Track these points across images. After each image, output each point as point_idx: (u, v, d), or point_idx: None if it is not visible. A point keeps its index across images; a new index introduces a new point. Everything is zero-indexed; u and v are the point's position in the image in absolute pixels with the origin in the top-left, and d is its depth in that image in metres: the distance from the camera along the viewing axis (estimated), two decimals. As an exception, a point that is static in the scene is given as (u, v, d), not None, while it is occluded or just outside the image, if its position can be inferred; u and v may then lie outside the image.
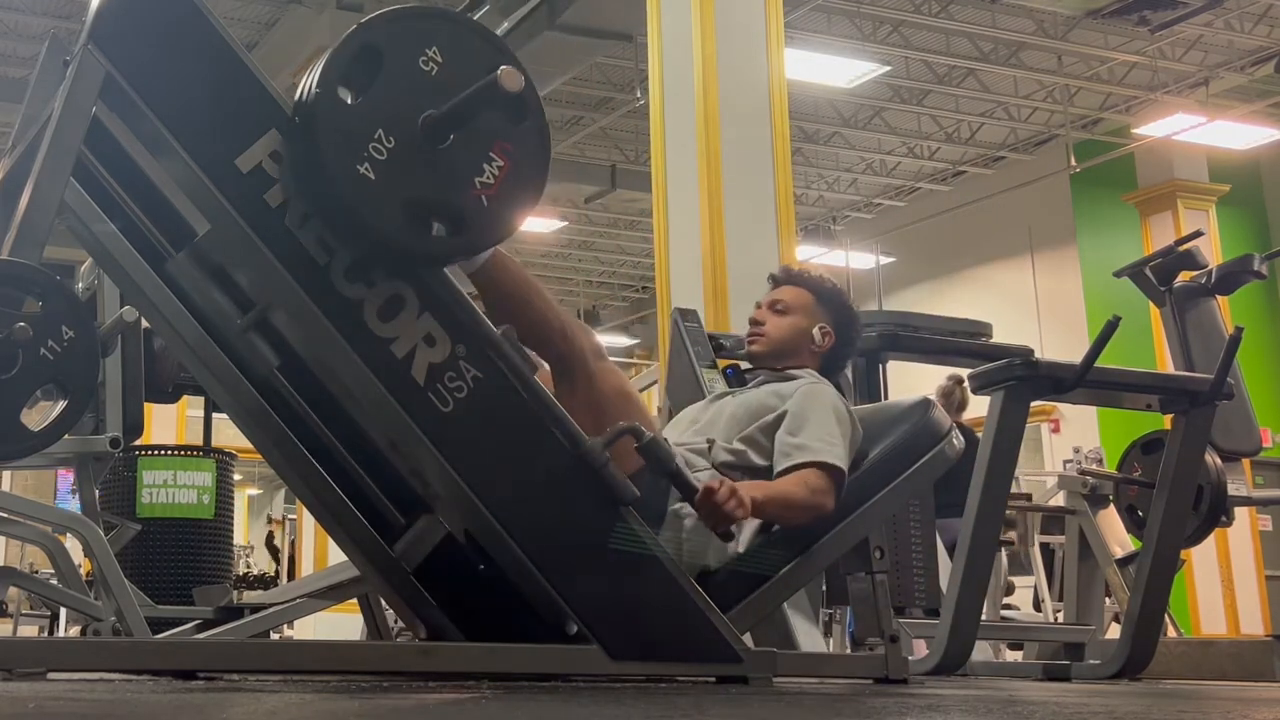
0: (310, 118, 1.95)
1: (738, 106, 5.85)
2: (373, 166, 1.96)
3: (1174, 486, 3.24)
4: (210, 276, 2.13)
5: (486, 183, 2.04)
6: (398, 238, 1.99)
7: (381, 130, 1.98)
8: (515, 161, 2.06)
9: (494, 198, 2.04)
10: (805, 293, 2.73)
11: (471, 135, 2.04)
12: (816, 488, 2.37)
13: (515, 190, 2.07)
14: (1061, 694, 2.37)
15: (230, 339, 2.15)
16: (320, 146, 1.95)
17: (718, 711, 1.60)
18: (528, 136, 2.09)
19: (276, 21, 10.81)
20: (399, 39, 2.03)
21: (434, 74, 2.03)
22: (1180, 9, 9.97)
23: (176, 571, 5.10)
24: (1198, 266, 4.53)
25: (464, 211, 2.03)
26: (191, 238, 2.10)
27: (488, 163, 2.04)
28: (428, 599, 2.28)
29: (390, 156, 1.97)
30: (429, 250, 2.05)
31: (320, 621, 6.46)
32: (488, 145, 2.05)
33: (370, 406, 2.05)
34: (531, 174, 2.09)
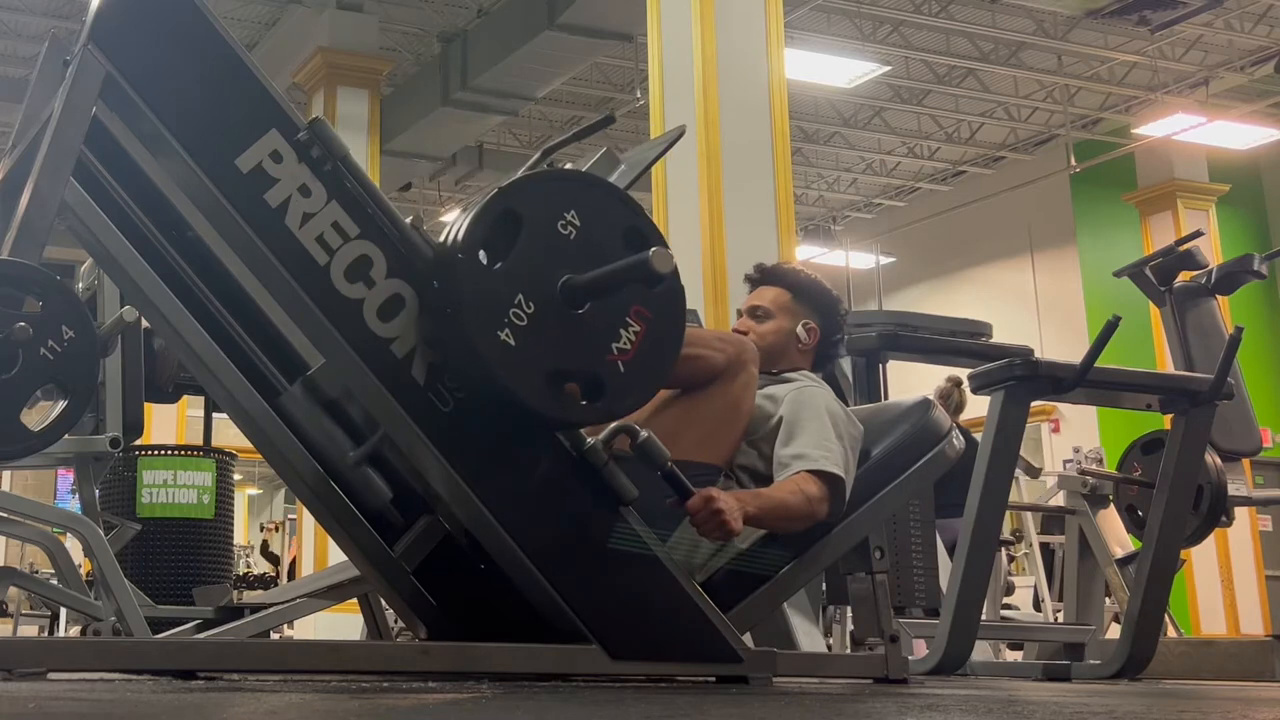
0: (453, 283, 1.96)
1: (738, 106, 5.85)
2: (514, 333, 1.96)
3: (1174, 486, 3.24)
4: (210, 276, 2.13)
5: (624, 348, 2.04)
6: (538, 406, 1.99)
7: (522, 296, 1.98)
8: (651, 326, 2.07)
9: (631, 363, 2.05)
10: (783, 292, 2.72)
11: (609, 301, 2.04)
12: (812, 495, 2.37)
13: (652, 354, 2.07)
14: (1061, 694, 2.37)
15: (234, 342, 2.15)
16: (464, 313, 1.95)
17: (718, 711, 1.60)
18: (663, 300, 2.09)
19: (276, 21, 10.82)
20: (537, 202, 2.03)
21: (572, 238, 2.03)
22: (1180, 9, 9.98)
23: (176, 571, 5.09)
24: (1198, 266, 4.53)
25: (602, 377, 2.03)
26: (192, 237, 2.11)
27: (625, 328, 2.05)
28: (428, 599, 2.29)
29: (530, 323, 1.98)
30: (569, 418, 2.05)
31: (320, 621, 6.47)
32: (624, 311, 2.05)
33: (370, 406, 2.05)
34: (668, 338, 2.10)
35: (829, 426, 2.46)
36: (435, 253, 2.00)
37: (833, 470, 2.40)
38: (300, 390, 2.12)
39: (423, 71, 11.57)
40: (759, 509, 2.29)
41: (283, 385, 2.17)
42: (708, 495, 2.20)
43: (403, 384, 2.02)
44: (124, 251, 2.13)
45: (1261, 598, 10.19)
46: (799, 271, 2.78)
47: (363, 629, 3.25)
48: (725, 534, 2.22)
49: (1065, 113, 12.04)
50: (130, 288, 2.18)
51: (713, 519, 2.19)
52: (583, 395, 2.04)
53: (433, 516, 2.20)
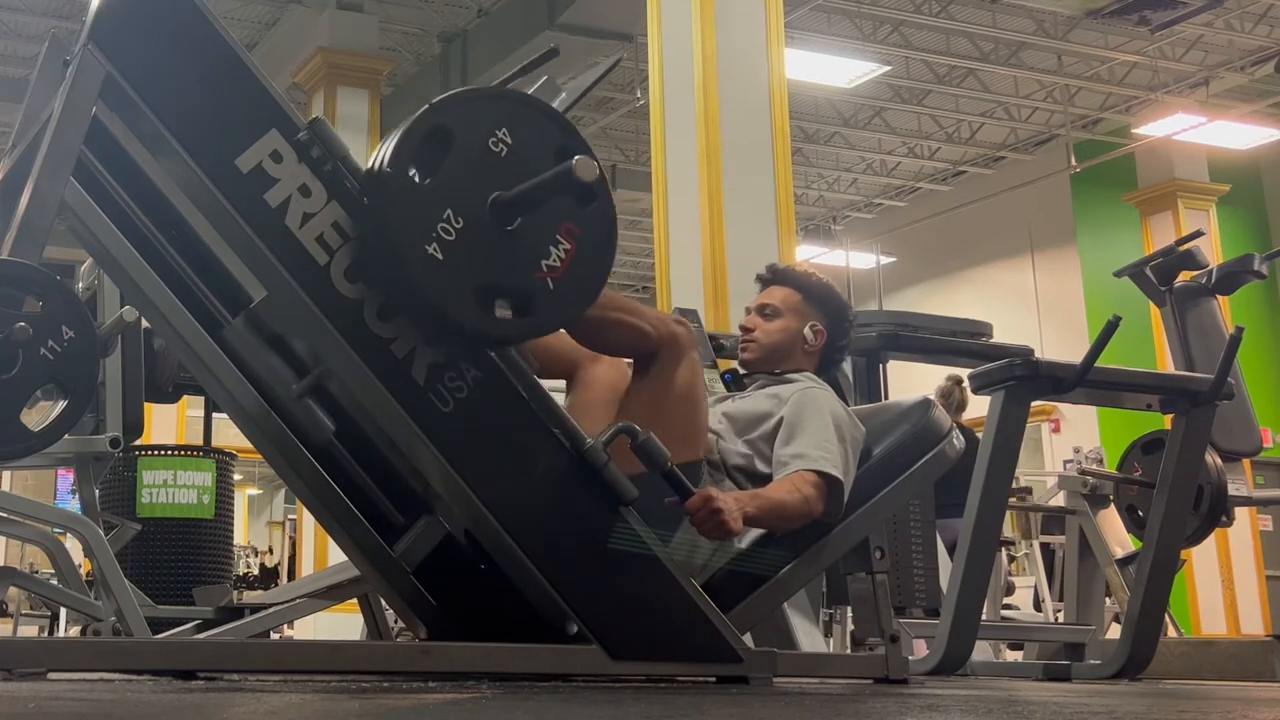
0: (382, 198, 1.96)
1: (738, 106, 5.85)
2: (441, 247, 1.96)
3: (1174, 486, 3.24)
4: (210, 276, 2.13)
5: (554, 265, 2.04)
6: (466, 320, 1.99)
7: (451, 211, 1.98)
8: (582, 243, 2.07)
9: (561, 280, 2.04)
10: (793, 292, 2.72)
11: (539, 218, 2.04)
12: (809, 495, 2.37)
13: (582, 272, 2.07)
14: (1061, 694, 2.37)
15: (231, 339, 2.15)
16: (391, 227, 1.95)
17: (718, 711, 1.60)
18: (594, 218, 2.09)
19: (276, 21, 10.81)
20: (469, 120, 2.03)
21: (503, 155, 2.03)
22: (1180, 9, 9.98)
23: (176, 571, 5.09)
24: (1198, 266, 4.53)
25: (531, 294, 2.03)
26: (192, 238, 2.11)
27: (555, 245, 2.04)
28: (428, 599, 2.29)
29: (459, 238, 1.98)
30: (494, 333, 2.05)
31: (320, 621, 6.47)
32: (555, 228, 2.05)
33: (370, 406, 2.05)
34: (598, 256, 2.09)
35: (830, 428, 2.46)
36: (366, 172, 2.00)
37: (831, 471, 2.40)
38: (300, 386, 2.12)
39: (423, 71, 11.57)
40: (758, 509, 2.30)
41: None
42: (707, 495, 2.20)
43: (403, 384, 2.02)
44: (124, 251, 2.13)
45: (1261, 598, 10.18)
46: (811, 275, 2.79)
47: (363, 629, 3.25)
48: (725, 534, 2.22)
49: (1065, 113, 12.04)
50: (130, 288, 2.18)
51: (712, 518, 2.19)
52: (512, 312, 2.04)
53: (433, 516, 2.20)
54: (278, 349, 2.14)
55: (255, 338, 2.12)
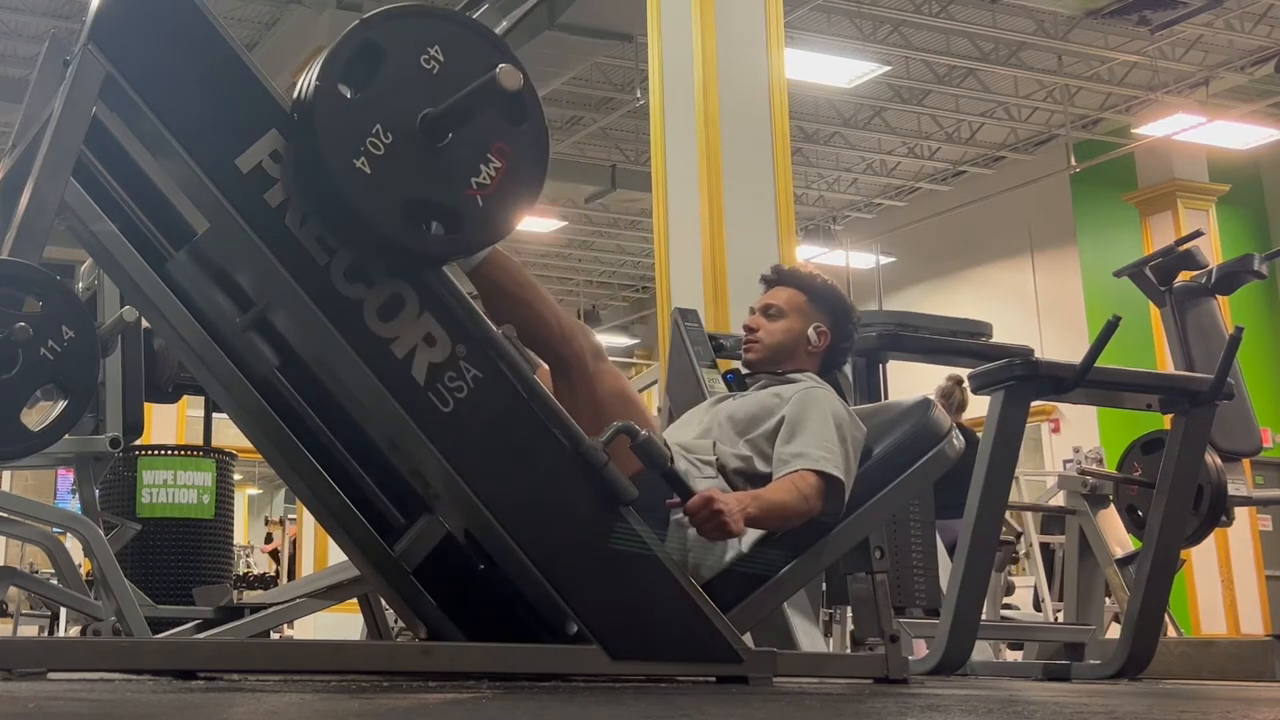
0: (309, 112, 1.95)
1: (738, 106, 5.85)
2: (369, 162, 1.96)
3: (1174, 486, 3.24)
4: (210, 276, 2.13)
5: (483, 183, 2.04)
6: (393, 235, 1.98)
7: (380, 126, 1.97)
8: (513, 163, 2.06)
9: (490, 198, 2.04)
10: (798, 293, 2.72)
11: (470, 135, 2.04)
12: (809, 494, 2.37)
13: (512, 191, 2.07)
14: (1061, 694, 2.37)
15: (230, 338, 2.15)
16: (318, 141, 1.94)
17: (718, 711, 1.60)
18: (526, 138, 2.09)
19: (276, 21, 10.81)
20: (400, 36, 2.03)
21: (435, 73, 2.03)
22: (1180, 9, 9.98)
23: (176, 571, 5.09)
24: (1198, 266, 4.53)
25: (460, 211, 2.03)
26: (191, 237, 2.11)
27: (485, 163, 2.04)
28: (428, 599, 2.28)
29: (388, 153, 1.97)
30: (424, 248, 2.05)
31: (320, 621, 6.47)
32: (486, 146, 2.05)
33: (370, 406, 2.05)
34: (529, 176, 2.09)
35: (831, 428, 2.46)
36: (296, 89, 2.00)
37: (831, 471, 2.40)
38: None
39: (423, 71, 11.54)
40: (759, 509, 2.30)
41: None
42: (708, 496, 2.20)
43: (403, 384, 2.02)
44: (124, 251, 2.13)
45: (1261, 598, 10.18)
46: (815, 276, 2.79)
47: (363, 629, 3.25)
48: (725, 534, 2.23)
49: (1065, 113, 12.03)
50: (130, 288, 2.17)
51: (713, 519, 2.19)
52: (443, 229, 2.04)
53: (433, 516, 2.20)
54: (276, 346, 2.14)
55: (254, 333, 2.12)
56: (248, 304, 2.09)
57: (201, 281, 2.12)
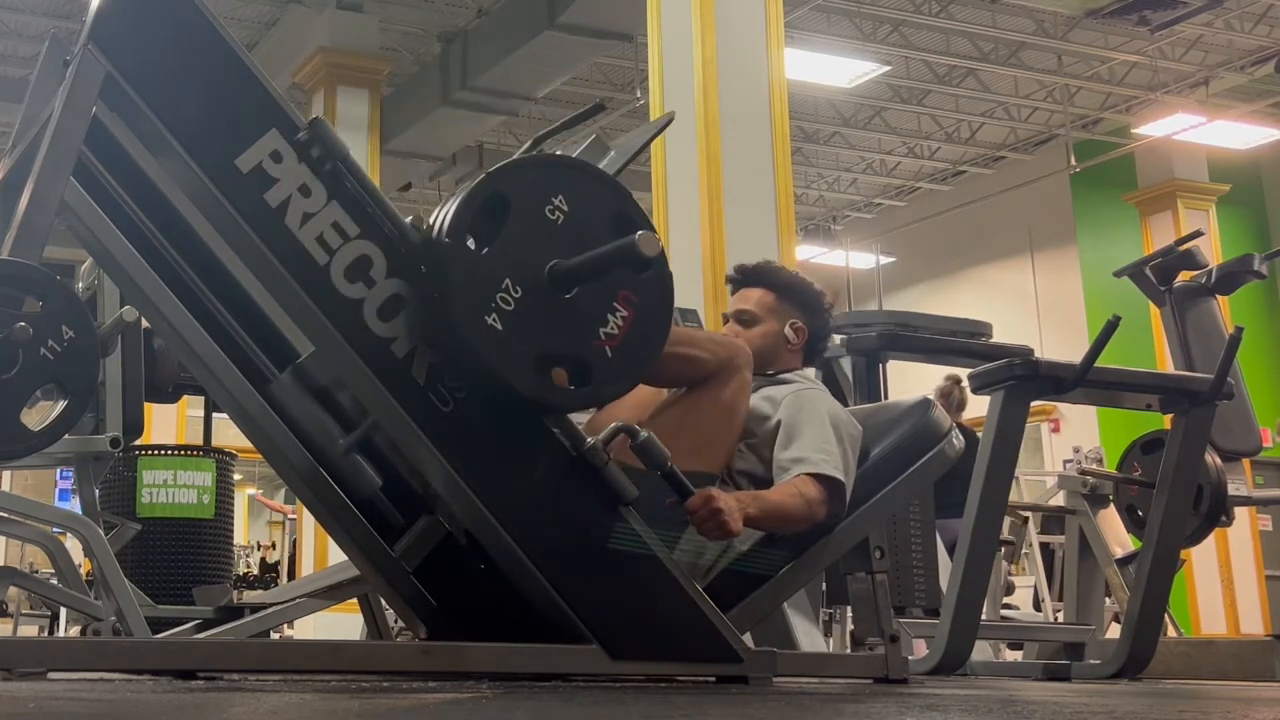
0: (440, 266, 1.96)
1: (738, 106, 5.85)
2: (500, 317, 1.96)
3: (1174, 486, 3.24)
4: (210, 275, 2.13)
5: (611, 333, 2.04)
6: (525, 390, 1.99)
7: (509, 280, 1.98)
8: (639, 311, 2.07)
9: (618, 348, 2.05)
10: (766, 292, 2.71)
11: (597, 286, 2.04)
12: (811, 499, 2.37)
13: (640, 340, 2.07)
14: (1061, 694, 2.37)
15: (234, 343, 2.15)
16: (450, 296, 1.95)
17: (718, 711, 1.60)
18: (651, 286, 2.09)
19: (276, 21, 10.81)
20: (525, 187, 2.04)
21: (560, 222, 2.03)
22: (1180, 9, 9.98)
23: (176, 571, 5.09)
24: (1198, 266, 4.53)
25: (589, 362, 2.04)
26: (192, 237, 2.11)
27: (612, 313, 2.05)
28: (428, 599, 2.29)
29: (518, 307, 1.98)
30: (554, 402, 2.05)
31: (320, 621, 6.47)
32: (613, 295, 2.05)
33: (370, 406, 2.05)
34: (655, 323, 2.10)
35: (828, 429, 2.46)
36: (423, 238, 2.00)
37: (832, 473, 2.40)
38: (291, 379, 2.12)
39: (423, 71, 11.57)
40: (759, 511, 2.30)
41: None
42: (708, 495, 2.20)
43: (403, 384, 2.02)
44: (124, 251, 2.13)
45: (1261, 598, 10.18)
46: (779, 270, 2.78)
47: (363, 629, 3.25)
48: (725, 534, 2.22)
49: (1065, 113, 12.03)
50: (130, 288, 2.18)
51: (713, 518, 2.19)
52: (570, 380, 2.04)
53: (433, 516, 2.20)
54: (272, 342, 2.14)
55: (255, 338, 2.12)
56: (248, 304, 2.09)
57: (202, 280, 2.12)
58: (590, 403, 2.12)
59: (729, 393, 2.40)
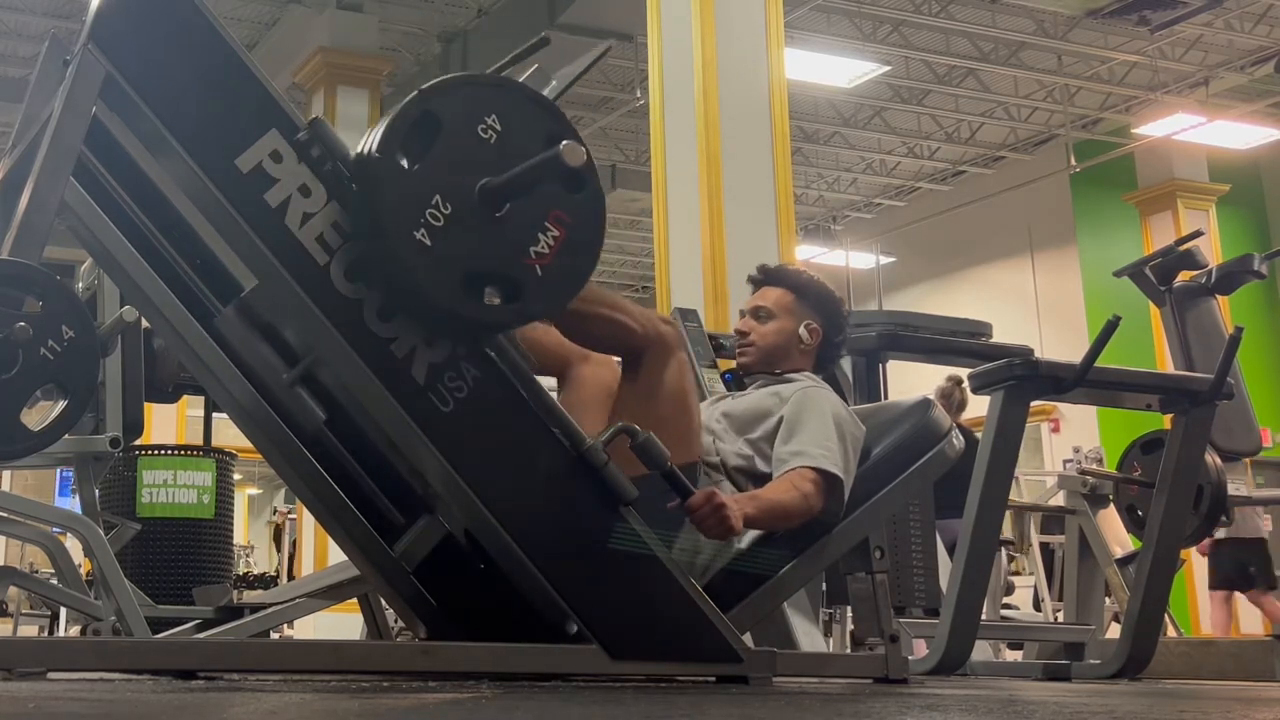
0: (369, 183, 1.96)
1: (738, 106, 5.85)
2: (430, 233, 1.96)
3: (1174, 486, 3.24)
4: (210, 275, 2.13)
5: (542, 252, 2.04)
6: (453, 306, 1.99)
7: (439, 197, 1.98)
8: (571, 231, 2.06)
9: (549, 267, 2.04)
10: (786, 292, 2.71)
11: (528, 204, 2.04)
12: (808, 492, 2.37)
13: (571, 260, 2.07)
14: (1061, 694, 2.37)
15: (231, 340, 2.15)
16: (379, 212, 1.95)
17: (718, 711, 1.60)
18: (583, 206, 2.09)
19: (276, 21, 10.81)
20: (458, 106, 2.03)
21: (492, 141, 2.03)
22: (1180, 9, 9.98)
23: (176, 571, 5.09)
24: (1198, 266, 4.53)
25: (519, 280, 2.03)
26: (192, 237, 2.11)
27: (543, 232, 2.04)
28: (428, 599, 2.29)
29: (447, 223, 1.98)
30: (483, 319, 2.05)
31: (320, 621, 6.47)
32: (544, 215, 2.05)
33: (370, 406, 2.05)
34: (587, 244, 2.09)
35: (831, 426, 2.46)
36: (356, 158, 2.00)
37: (831, 469, 2.40)
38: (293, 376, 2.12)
39: (423, 71, 11.56)
40: (757, 509, 2.30)
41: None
42: (710, 493, 2.20)
43: (403, 384, 2.02)
44: (124, 251, 2.13)
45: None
46: (801, 273, 2.78)
47: (363, 629, 3.25)
48: (726, 533, 2.22)
49: (1065, 113, 12.04)
50: (130, 288, 2.18)
51: (715, 516, 2.19)
52: (500, 298, 2.04)
53: (433, 516, 2.20)
54: (272, 341, 2.14)
55: (249, 330, 2.12)
56: (248, 305, 2.09)
57: (204, 280, 2.12)
58: (520, 321, 2.11)
59: (672, 376, 2.38)
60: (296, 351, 2.13)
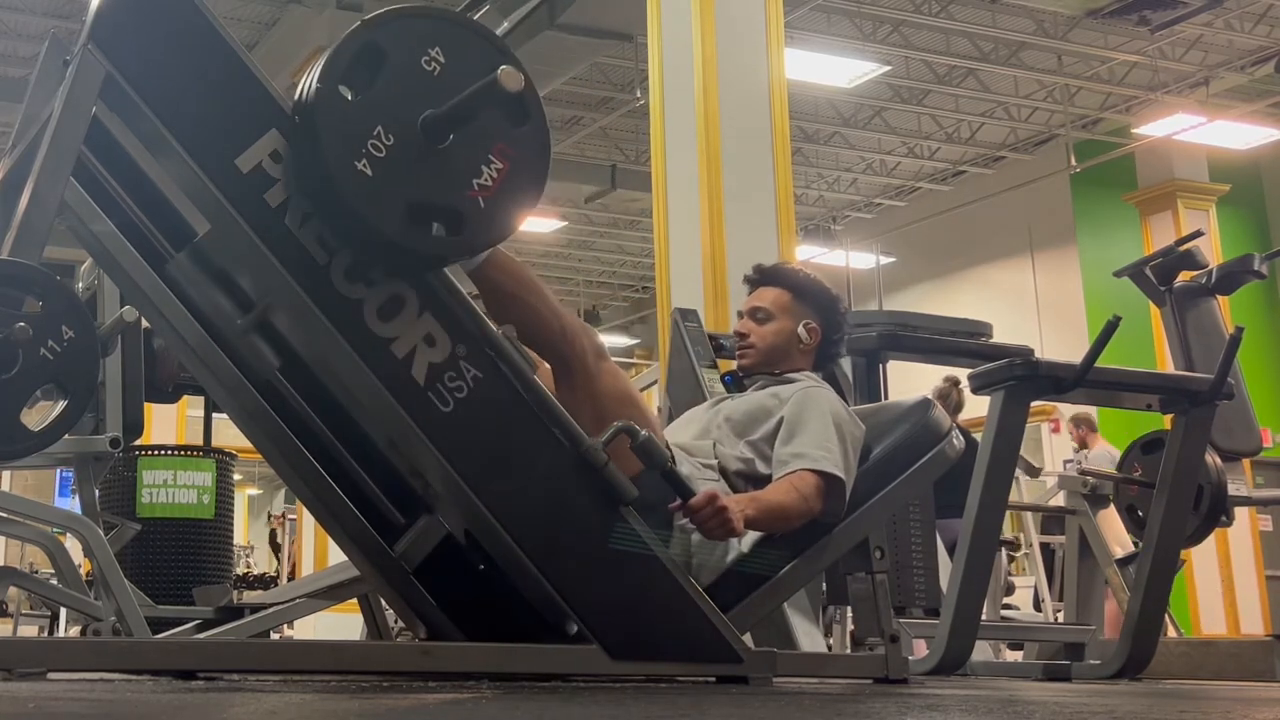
0: (310, 114, 1.95)
1: (738, 106, 5.85)
2: (371, 164, 1.96)
3: (1174, 486, 3.24)
4: (210, 276, 2.13)
5: (485, 184, 2.04)
6: (395, 236, 1.98)
7: (381, 128, 1.97)
8: (515, 164, 2.06)
9: (492, 199, 2.04)
10: (783, 292, 2.70)
11: (471, 137, 2.04)
12: (808, 494, 2.37)
13: (514, 193, 2.07)
14: (1061, 694, 2.37)
15: (230, 339, 2.15)
16: (320, 142, 1.94)
17: (718, 711, 1.60)
18: (528, 139, 2.09)
19: (276, 21, 10.81)
20: (401, 38, 2.03)
21: (436, 74, 2.03)
22: (1180, 9, 9.97)
23: (176, 571, 5.09)
24: (1198, 266, 4.53)
25: (462, 212, 2.03)
26: (192, 238, 2.11)
27: (487, 165, 2.04)
28: (428, 599, 2.29)
29: (389, 154, 1.97)
30: (425, 249, 2.04)
31: (320, 621, 6.47)
32: (487, 147, 2.05)
33: (370, 406, 2.05)
34: (530, 177, 2.09)
35: (831, 427, 2.46)
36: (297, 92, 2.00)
37: (831, 470, 2.40)
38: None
39: (423, 71, 11.55)
40: (757, 511, 2.30)
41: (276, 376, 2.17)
42: (712, 494, 2.20)
43: (403, 384, 2.03)
44: (124, 251, 2.13)
45: (1261, 598, 10.18)
46: (798, 272, 2.78)
47: (363, 629, 3.25)
48: (728, 534, 2.22)
49: (1065, 113, 12.03)
50: (130, 288, 2.18)
51: (717, 517, 2.19)
52: (444, 230, 2.04)
53: (433, 516, 2.20)
54: (271, 342, 2.14)
55: (255, 334, 2.12)
56: (248, 305, 2.09)
57: (202, 281, 2.12)
58: (463, 253, 2.11)
59: (606, 382, 2.33)
60: (297, 351, 2.12)
